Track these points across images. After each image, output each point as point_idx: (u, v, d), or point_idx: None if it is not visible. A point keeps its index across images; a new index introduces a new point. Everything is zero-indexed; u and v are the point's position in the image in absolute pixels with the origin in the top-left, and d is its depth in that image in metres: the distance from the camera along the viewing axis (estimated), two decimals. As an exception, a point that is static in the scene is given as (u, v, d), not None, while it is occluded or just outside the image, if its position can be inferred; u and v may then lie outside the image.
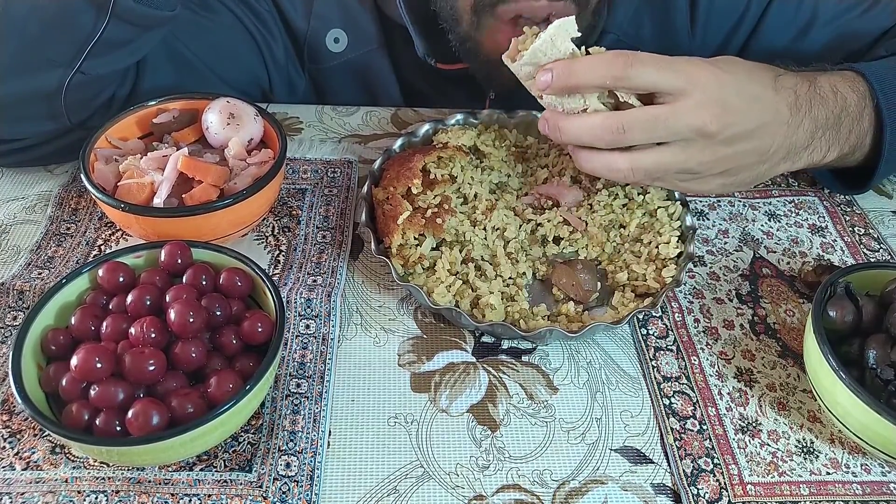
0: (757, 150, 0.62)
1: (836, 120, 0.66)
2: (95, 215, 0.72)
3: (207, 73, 0.81)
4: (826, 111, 0.65)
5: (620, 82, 0.57)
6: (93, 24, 0.64)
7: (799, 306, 0.67)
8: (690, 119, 0.58)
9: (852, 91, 0.68)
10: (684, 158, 0.60)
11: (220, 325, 0.55)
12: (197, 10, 0.80)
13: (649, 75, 0.57)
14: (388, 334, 0.63)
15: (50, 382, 0.51)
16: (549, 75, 0.59)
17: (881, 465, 0.55)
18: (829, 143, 0.67)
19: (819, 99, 0.65)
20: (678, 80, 0.57)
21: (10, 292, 0.63)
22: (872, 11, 0.82)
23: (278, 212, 0.73)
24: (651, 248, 0.66)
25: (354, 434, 0.56)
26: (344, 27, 0.86)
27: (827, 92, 0.66)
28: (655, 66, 0.57)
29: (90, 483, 0.51)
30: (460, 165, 0.71)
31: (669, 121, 0.58)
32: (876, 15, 0.82)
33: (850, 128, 0.67)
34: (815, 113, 0.64)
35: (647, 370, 0.61)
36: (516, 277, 0.65)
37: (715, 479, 0.54)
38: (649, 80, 0.57)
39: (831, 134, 0.66)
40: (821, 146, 0.66)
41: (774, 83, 0.63)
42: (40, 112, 0.68)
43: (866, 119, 0.68)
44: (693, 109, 0.58)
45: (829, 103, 0.66)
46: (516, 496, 0.52)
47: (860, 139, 0.69)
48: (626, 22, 0.85)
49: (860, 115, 0.68)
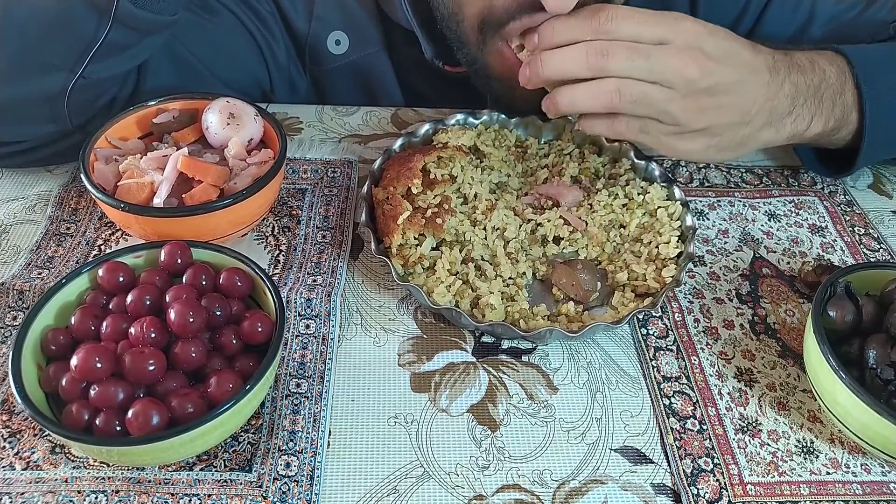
0: (738, 107, 0.62)
1: (815, 89, 0.66)
2: (95, 215, 0.72)
3: (208, 75, 0.81)
4: (805, 79, 0.66)
5: (602, 36, 0.58)
6: (94, 29, 0.64)
7: (799, 306, 0.67)
8: (672, 61, 0.58)
9: (830, 64, 0.68)
10: (666, 98, 0.60)
11: (220, 325, 0.55)
12: (198, 12, 0.80)
13: (631, 27, 0.58)
14: (388, 334, 0.63)
15: (50, 382, 0.51)
16: (535, 36, 0.60)
17: (881, 465, 0.55)
18: (812, 113, 0.67)
19: (797, 67, 0.65)
20: (659, 29, 0.58)
21: (10, 292, 0.63)
22: (870, 10, 0.83)
23: (278, 212, 0.73)
24: (651, 248, 0.66)
25: (354, 434, 0.56)
26: (345, 29, 0.86)
27: (804, 62, 0.67)
28: (636, 17, 0.58)
29: (90, 483, 0.51)
30: (460, 165, 0.71)
31: (652, 57, 0.58)
32: (873, 14, 0.82)
33: (833, 100, 0.68)
34: (795, 79, 0.65)
35: (647, 370, 0.61)
36: (516, 277, 0.65)
37: (715, 479, 0.54)
38: (631, 31, 0.58)
39: (813, 103, 0.66)
40: (803, 114, 0.66)
41: (752, 46, 0.63)
42: (41, 115, 0.68)
43: (849, 94, 0.68)
44: (675, 53, 0.58)
45: (808, 72, 0.66)
46: (516, 496, 0.52)
47: (845, 113, 0.69)
48: None
49: (842, 89, 0.68)
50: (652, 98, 0.60)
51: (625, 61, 0.58)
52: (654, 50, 0.58)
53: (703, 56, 0.59)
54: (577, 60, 0.59)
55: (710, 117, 0.62)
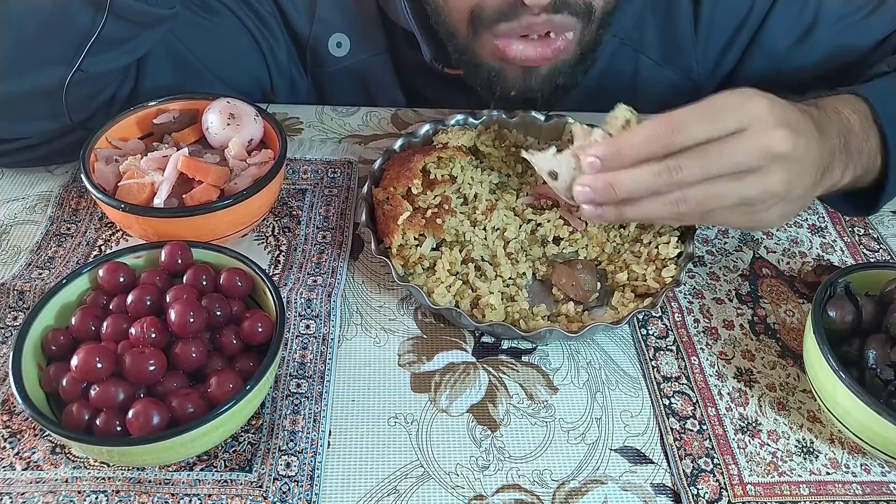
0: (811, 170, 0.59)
1: (845, 141, 0.64)
2: (96, 215, 0.72)
3: (208, 75, 0.81)
4: (835, 131, 0.64)
5: (670, 150, 0.55)
6: (91, 22, 0.64)
7: (799, 306, 0.67)
8: (758, 144, 0.55)
9: (853, 112, 0.66)
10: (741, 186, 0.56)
11: (221, 325, 0.55)
12: (198, 12, 0.80)
13: (701, 131, 0.55)
14: (388, 334, 0.63)
15: (50, 382, 0.51)
16: (594, 160, 0.57)
17: (881, 465, 0.55)
18: (844, 164, 0.65)
19: (827, 120, 0.64)
20: (732, 120, 0.55)
21: (11, 292, 0.63)
22: (875, 15, 0.82)
23: (278, 212, 0.73)
24: (651, 249, 0.66)
25: (354, 434, 0.56)
26: (346, 31, 0.86)
27: (832, 114, 0.65)
28: (703, 118, 0.55)
29: (90, 483, 0.51)
30: (460, 166, 0.71)
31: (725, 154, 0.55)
32: (878, 18, 0.82)
33: (860, 148, 0.66)
34: (830, 132, 0.63)
35: (646, 370, 0.61)
36: (516, 277, 0.65)
37: (715, 479, 0.54)
38: (702, 134, 0.55)
39: (845, 154, 0.65)
40: (838, 166, 0.64)
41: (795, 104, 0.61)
42: (41, 111, 0.69)
43: (873, 138, 0.67)
44: (759, 136, 0.55)
45: (836, 124, 0.64)
46: (516, 496, 0.52)
47: (871, 159, 0.67)
48: (630, 26, 0.85)
49: (867, 135, 0.66)
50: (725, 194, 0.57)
51: (699, 169, 0.55)
52: (728, 144, 0.55)
53: (790, 128, 0.56)
54: (651, 181, 0.56)
55: (794, 186, 0.59)
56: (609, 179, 0.58)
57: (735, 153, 0.55)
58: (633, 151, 0.57)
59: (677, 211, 0.58)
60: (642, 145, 0.56)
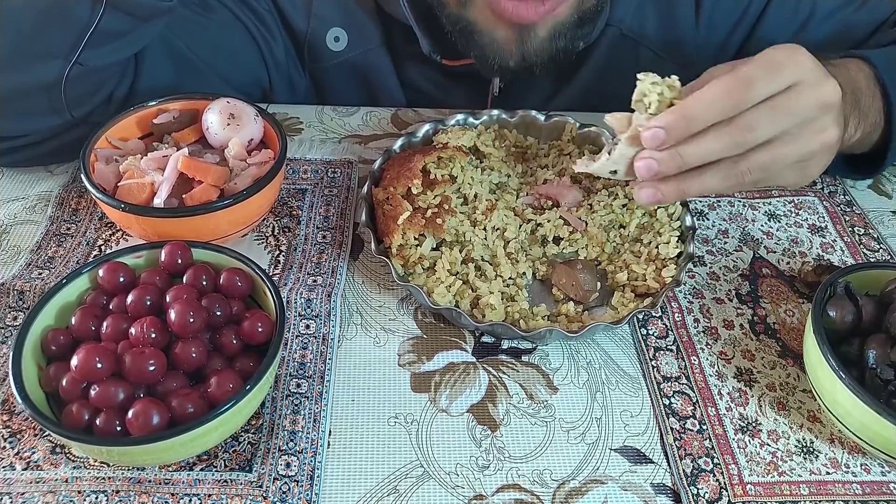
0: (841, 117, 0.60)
1: (855, 98, 0.66)
2: (96, 215, 0.72)
3: (207, 72, 0.81)
4: (849, 88, 0.64)
5: (741, 108, 0.54)
6: (89, 14, 0.64)
7: (799, 306, 0.67)
8: (814, 97, 0.55)
9: (859, 71, 0.68)
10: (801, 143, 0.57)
11: (220, 325, 0.55)
12: (196, 10, 0.80)
13: (767, 87, 0.54)
14: (388, 334, 0.63)
15: (50, 382, 0.51)
16: (658, 132, 0.54)
17: (881, 465, 0.55)
18: (857, 120, 0.67)
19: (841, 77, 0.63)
20: (789, 74, 0.55)
21: (11, 292, 0.63)
22: (869, 4, 0.83)
23: (278, 212, 0.73)
24: (651, 248, 0.67)
25: (354, 434, 0.56)
26: (344, 26, 0.86)
27: (843, 71, 0.66)
28: (767, 74, 0.54)
29: (90, 483, 0.51)
30: (460, 166, 0.71)
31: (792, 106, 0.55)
32: (873, 7, 0.83)
33: (868, 105, 0.68)
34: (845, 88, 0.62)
35: (646, 370, 0.61)
36: (516, 277, 0.65)
37: (715, 478, 0.54)
38: (767, 90, 0.54)
39: (857, 111, 0.66)
40: (851, 122, 0.66)
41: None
42: (41, 106, 0.69)
43: (878, 99, 0.69)
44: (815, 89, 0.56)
45: (849, 82, 0.65)
46: (516, 496, 0.52)
47: (877, 118, 0.69)
48: (629, 16, 0.85)
49: (873, 94, 0.68)
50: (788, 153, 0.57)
51: (772, 125, 0.55)
52: (792, 99, 0.55)
53: (835, 79, 0.57)
54: (723, 145, 0.55)
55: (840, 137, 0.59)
56: (675, 147, 0.55)
57: (800, 107, 0.55)
58: (704, 113, 0.54)
59: (741, 180, 0.56)
60: (715, 102, 0.53)
